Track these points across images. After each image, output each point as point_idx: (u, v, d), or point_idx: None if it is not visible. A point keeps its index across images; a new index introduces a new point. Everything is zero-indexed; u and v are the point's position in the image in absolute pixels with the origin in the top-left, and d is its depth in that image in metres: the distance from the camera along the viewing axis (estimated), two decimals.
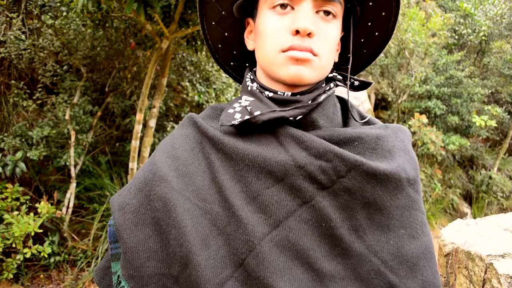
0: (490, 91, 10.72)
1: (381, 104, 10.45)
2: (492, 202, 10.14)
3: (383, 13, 0.92)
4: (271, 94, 0.85)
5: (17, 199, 4.43)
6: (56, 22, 4.71)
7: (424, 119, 8.70)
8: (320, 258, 0.75)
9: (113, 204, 0.86)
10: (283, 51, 0.80)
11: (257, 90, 0.87)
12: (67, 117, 4.26)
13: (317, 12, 0.82)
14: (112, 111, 5.04)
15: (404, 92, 9.37)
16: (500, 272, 2.02)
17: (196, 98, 4.94)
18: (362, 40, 0.97)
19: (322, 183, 0.77)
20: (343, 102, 0.96)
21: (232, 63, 1.04)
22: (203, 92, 5.11)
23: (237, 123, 0.81)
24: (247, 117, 0.81)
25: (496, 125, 9.63)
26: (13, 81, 4.67)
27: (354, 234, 0.77)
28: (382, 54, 9.55)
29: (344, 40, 0.96)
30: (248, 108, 0.84)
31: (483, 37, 9.77)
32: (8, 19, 5.32)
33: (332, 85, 0.90)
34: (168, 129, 4.89)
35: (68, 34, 4.89)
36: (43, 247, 4.28)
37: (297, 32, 0.79)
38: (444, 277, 2.66)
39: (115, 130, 5.33)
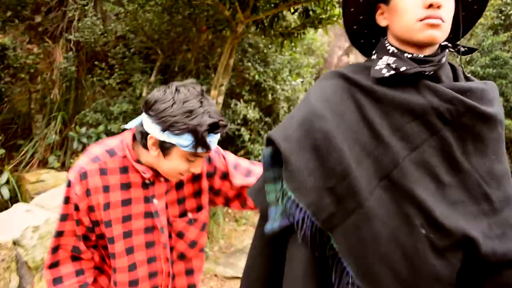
0: None
1: None
2: None
3: None
4: (409, 56, 1.17)
5: None
6: (130, 8, 5.19)
7: None
8: (442, 173, 1.10)
9: (276, 136, 1.17)
10: (420, 20, 1.11)
11: (398, 52, 1.19)
12: (144, 94, 4.75)
13: None
14: None
15: None
16: None
17: (257, 77, 5.37)
18: (463, 13, 1.33)
19: (447, 120, 1.11)
20: (450, 65, 1.32)
21: (361, 41, 1.40)
22: (262, 72, 5.53)
23: (388, 75, 1.12)
24: (392, 72, 1.13)
25: None
26: (96, 62, 5.20)
27: (464, 157, 1.12)
28: None
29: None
30: (393, 65, 1.14)
31: None
32: (80, 6, 5.87)
33: (447, 51, 1.25)
34: (232, 106, 5.35)
35: (139, 18, 5.37)
36: None
37: (430, 5, 1.10)
38: None
39: None
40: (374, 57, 1.24)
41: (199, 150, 1.32)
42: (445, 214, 1.07)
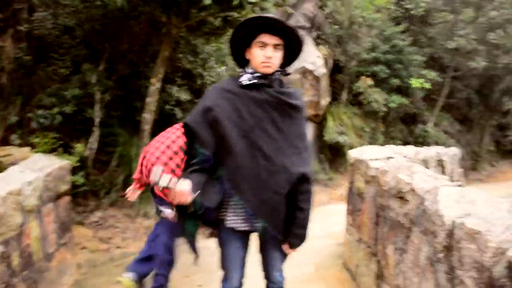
0: (429, 56, 12.55)
1: (336, 69, 12.12)
2: None
3: (297, 45, 2.50)
4: (257, 75, 2.38)
5: (54, 143, 5.91)
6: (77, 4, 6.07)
7: (369, 81, 10.48)
8: (273, 133, 2.32)
9: (189, 121, 2.36)
10: (262, 62, 2.33)
11: (253, 72, 2.38)
12: (93, 81, 5.73)
13: (273, 47, 2.37)
14: (121, 76, 6.52)
15: (354, 59, 11.09)
16: (371, 166, 3.75)
17: (188, 65, 6.51)
18: (289, 53, 2.56)
19: (274, 107, 2.34)
20: (280, 80, 2.55)
21: (238, 60, 2.58)
22: (192, 61, 6.67)
23: (246, 83, 2.33)
24: (250, 82, 2.34)
25: (430, 87, 11.51)
26: (52, 54, 6.06)
27: (283, 125, 2.35)
28: (336, 26, 11.02)
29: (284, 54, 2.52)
30: (250, 79, 2.35)
31: (423, 12, 11.50)
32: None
33: (277, 73, 2.48)
34: (167, 89, 6.46)
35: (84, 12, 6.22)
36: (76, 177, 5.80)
37: (267, 57, 2.34)
38: (349, 178, 4.42)
39: (121, 91, 6.82)
40: (242, 73, 2.42)
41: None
42: (273, 154, 2.26)
